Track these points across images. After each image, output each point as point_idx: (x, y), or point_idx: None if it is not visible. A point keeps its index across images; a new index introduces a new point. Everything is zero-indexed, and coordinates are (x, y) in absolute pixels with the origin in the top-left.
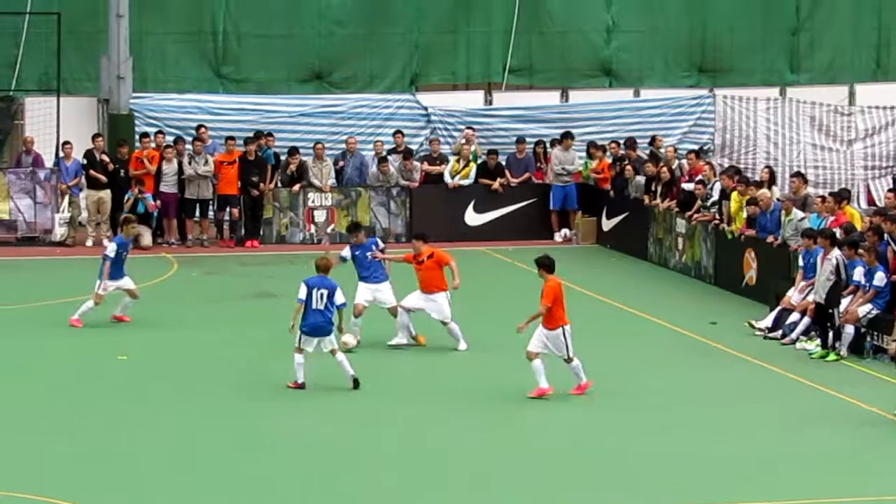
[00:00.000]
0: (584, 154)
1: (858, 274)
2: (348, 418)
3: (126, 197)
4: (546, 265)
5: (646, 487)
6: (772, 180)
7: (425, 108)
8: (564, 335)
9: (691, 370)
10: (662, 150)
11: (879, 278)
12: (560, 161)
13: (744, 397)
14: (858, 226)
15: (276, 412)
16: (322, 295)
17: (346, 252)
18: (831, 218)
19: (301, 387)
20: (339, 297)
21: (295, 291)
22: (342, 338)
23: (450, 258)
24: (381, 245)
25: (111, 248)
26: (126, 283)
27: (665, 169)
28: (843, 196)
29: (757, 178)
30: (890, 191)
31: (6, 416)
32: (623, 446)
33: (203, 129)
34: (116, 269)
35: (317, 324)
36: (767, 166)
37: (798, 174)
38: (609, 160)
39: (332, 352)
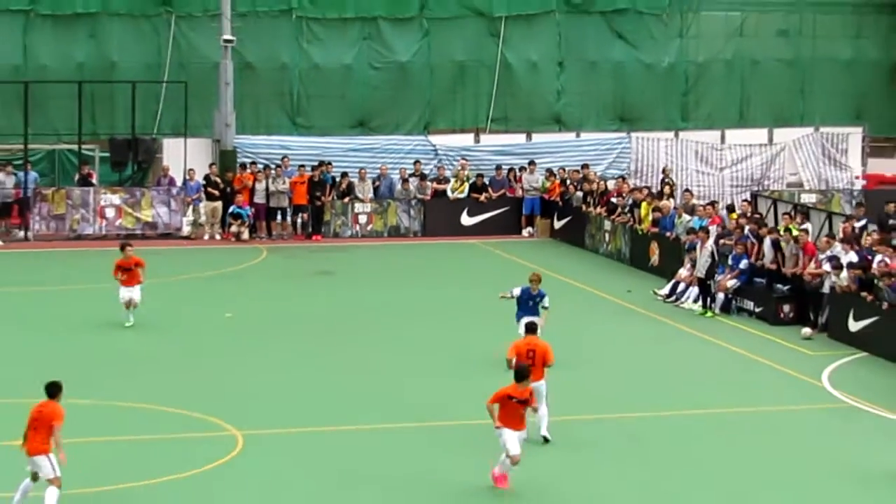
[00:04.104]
0: (541, 177)
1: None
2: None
3: (231, 210)
4: None
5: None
6: (670, 194)
7: (434, 146)
8: None
9: (614, 324)
10: (591, 175)
11: (743, 263)
12: (528, 181)
13: (654, 343)
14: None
15: (345, 349)
16: None
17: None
18: (708, 219)
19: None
20: None
21: (346, 270)
22: None
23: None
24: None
25: None
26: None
27: (602, 184)
28: (730, 206)
29: (656, 191)
30: (744, 200)
31: (157, 358)
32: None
33: (286, 159)
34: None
35: None
36: (666, 182)
37: (687, 190)
38: (559, 181)
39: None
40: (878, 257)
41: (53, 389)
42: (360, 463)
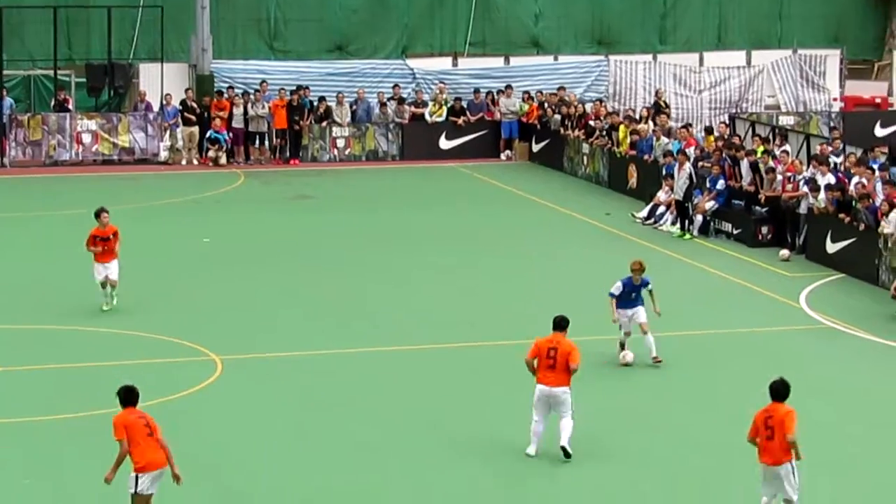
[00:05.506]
0: (518, 101)
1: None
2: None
3: (208, 135)
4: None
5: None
6: (649, 117)
7: (412, 70)
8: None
9: (593, 249)
10: (567, 97)
11: (720, 183)
12: (505, 105)
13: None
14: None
15: (323, 273)
16: None
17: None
18: (685, 142)
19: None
20: None
21: (324, 194)
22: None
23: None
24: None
25: None
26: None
27: (580, 107)
28: (709, 128)
29: (638, 116)
30: (722, 123)
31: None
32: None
33: (265, 84)
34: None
35: None
36: (646, 107)
37: (665, 113)
38: (536, 105)
39: None
40: (855, 179)
41: (133, 397)
42: (339, 387)
